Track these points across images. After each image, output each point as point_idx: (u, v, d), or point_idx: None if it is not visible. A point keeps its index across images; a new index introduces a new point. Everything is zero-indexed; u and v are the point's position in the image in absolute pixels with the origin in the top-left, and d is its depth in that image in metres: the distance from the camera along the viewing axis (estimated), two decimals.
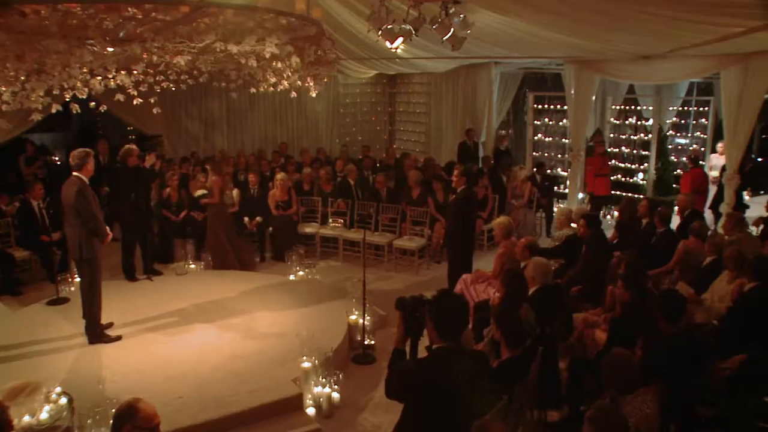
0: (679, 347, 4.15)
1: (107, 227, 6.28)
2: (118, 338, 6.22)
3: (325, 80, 6.34)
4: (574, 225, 7.62)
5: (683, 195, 8.17)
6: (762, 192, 13.55)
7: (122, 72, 5.05)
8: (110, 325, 6.43)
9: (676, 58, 8.86)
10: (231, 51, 4.65)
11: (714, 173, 10.95)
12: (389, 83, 15.92)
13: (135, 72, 6.14)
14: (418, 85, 15.02)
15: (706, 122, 12.23)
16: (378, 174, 10.34)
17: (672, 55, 8.66)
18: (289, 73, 6.18)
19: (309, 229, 9.90)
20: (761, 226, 7.96)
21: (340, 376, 5.54)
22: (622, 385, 3.51)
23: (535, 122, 13.29)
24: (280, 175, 9.72)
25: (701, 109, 12.44)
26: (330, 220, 9.91)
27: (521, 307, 4.74)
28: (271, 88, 7.24)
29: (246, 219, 9.59)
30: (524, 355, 4.09)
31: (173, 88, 7.44)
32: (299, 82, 6.63)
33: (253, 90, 7.48)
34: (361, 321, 6.56)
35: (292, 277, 8.33)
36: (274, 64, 5.27)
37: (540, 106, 13.26)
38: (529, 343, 4.34)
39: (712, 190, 10.34)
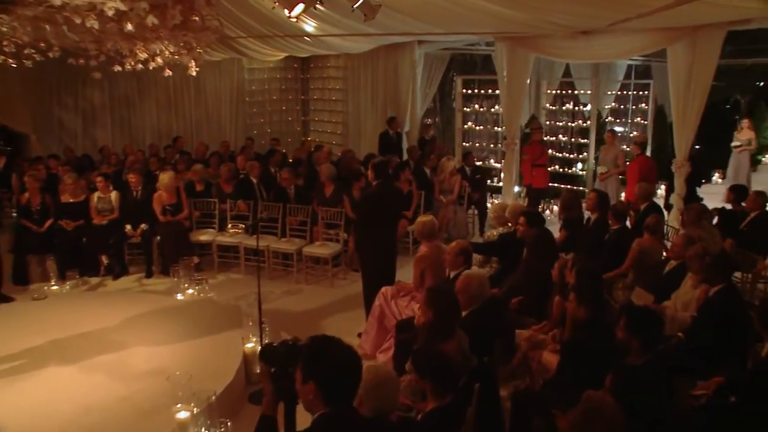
0: (654, 378, 3.47)
1: None
2: None
3: (199, 51, 5.36)
4: (510, 225, 7.00)
5: (644, 183, 7.61)
6: (704, 181, 13.46)
7: None
8: None
9: (617, 33, 8.40)
10: (54, 3, 3.62)
11: (602, 169, 10.45)
12: (301, 68, 15.10)
13: None
14: (333, 69, 14.21)
15: (646, 107, 11.98)
16: (283, 170, 9.41)
17: (613, 30, 8.16)
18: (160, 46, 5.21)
19: (204, 236, 8.86)
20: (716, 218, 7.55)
21: (229, 424, 4.61)
22: None
23: (465, 109, 12.72)
24: (163, 176, 8.64)
25: (640, 93, 12.20)
26: (229, 226, 8.91)
27: (453, 334, 3.92)
28: (141, 65, 6.24)
29: (128, 227, 8.48)
30: (456, 400, 3.28)
31: (14, 65, 6.31)
32: (173, 55, 5.65)
33: (117, 68, 6.43)
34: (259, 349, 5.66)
35: (179, 297, 7.31)
36: (125, 26, 4.25)
37: (469, 91, 12.67)
38: (463, 382, 3.54)
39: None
